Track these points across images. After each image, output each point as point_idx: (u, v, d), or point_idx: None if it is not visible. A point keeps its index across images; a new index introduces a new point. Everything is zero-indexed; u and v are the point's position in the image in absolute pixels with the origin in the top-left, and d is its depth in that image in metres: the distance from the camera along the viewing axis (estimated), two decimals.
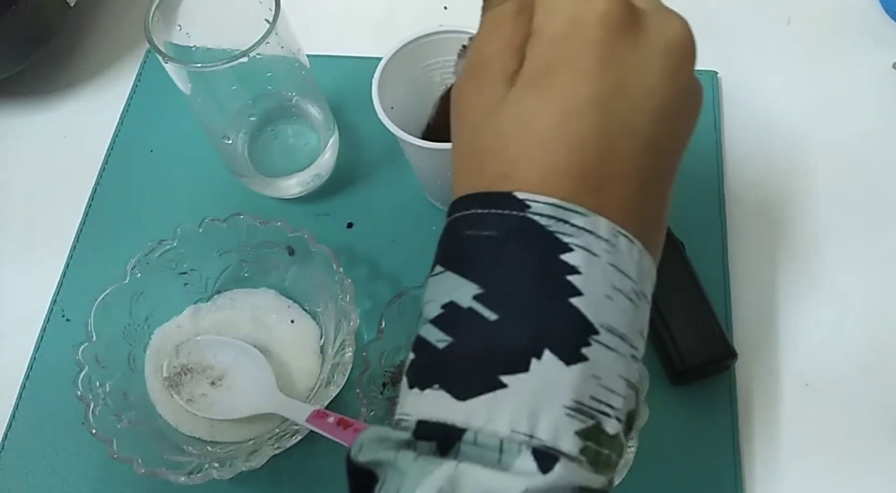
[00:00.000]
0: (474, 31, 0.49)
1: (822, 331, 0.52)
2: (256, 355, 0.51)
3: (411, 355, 0.30)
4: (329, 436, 0.43)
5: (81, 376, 0.47)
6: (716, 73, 0.62)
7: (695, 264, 0.52)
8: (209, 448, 0.48)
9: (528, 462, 0.26)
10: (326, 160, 0.58)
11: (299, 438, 0.46)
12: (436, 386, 0.28)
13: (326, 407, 0.46)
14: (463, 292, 0.29)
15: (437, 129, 0.52)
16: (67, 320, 0.57)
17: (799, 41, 0.64)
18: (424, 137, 0.49)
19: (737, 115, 0.61)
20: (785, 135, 0.60)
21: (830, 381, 0.51)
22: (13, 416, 0.54)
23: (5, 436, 0.53)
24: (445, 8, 0.68)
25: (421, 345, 0.29)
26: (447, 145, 0.47)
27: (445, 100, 0.50)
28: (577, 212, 0.28)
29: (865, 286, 0.54)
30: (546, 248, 0.28)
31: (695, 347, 0.49)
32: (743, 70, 0.63)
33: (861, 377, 0.51)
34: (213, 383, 0.51)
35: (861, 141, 0.59)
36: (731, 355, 0.49)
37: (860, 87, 0.61)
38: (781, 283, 0.54)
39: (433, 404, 0.28)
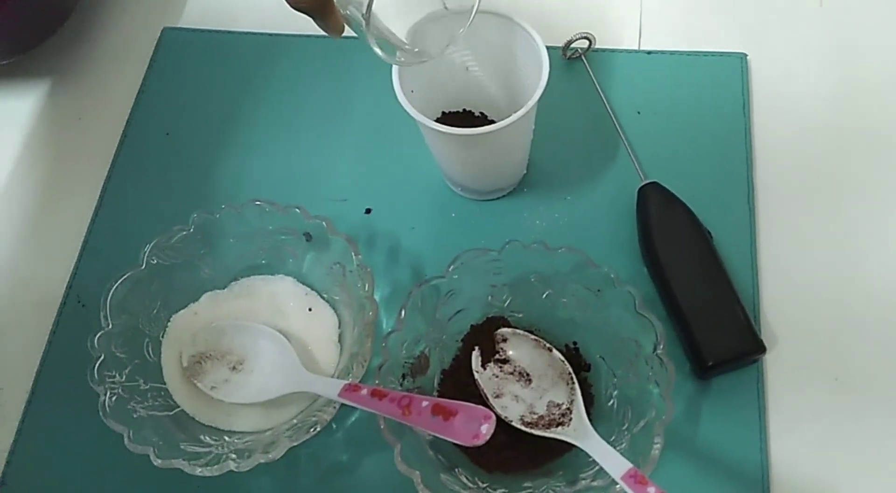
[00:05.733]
0: (496, 10, 0.48)
1: (854, 324, 0.51)
2: (276, 337, 0.50)
3: None
4: (364, 408, 0.43)
5: (96, 365, 0.46)
6: (745, 55, 0.60)
7: (723, 255, 0.51)
8: (227, 438, 0.48)
9: None
10: None
11: (318, 429, 0.45)
12: None
13: None
14: None
15: None
16: (83, 305, 0.56)
17: (831, 23, 0.62)
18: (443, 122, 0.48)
19: (766, 99, 0.59)
20: (816, 119, 0.58)
21: (860, 376, 0.49)
22: (29, 403, 0.53)
23: (21, 424, 0.53)
24: None
25: None
26: (466, 130, 0.46)
27: None
28: None
29: None
30: None
31: (722, 340, 0.48)
32: (773, 53, 0.61)
33: (893, 373, 0.49)
34: (234, 369, 0.50)
35: None
36: (760, 348, 0.48)
37: (893, 68, 0.59)
38: (812, 274, 0.53)
39: None
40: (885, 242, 0.53)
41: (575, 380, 0.47)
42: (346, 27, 0.44)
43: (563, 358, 0.48)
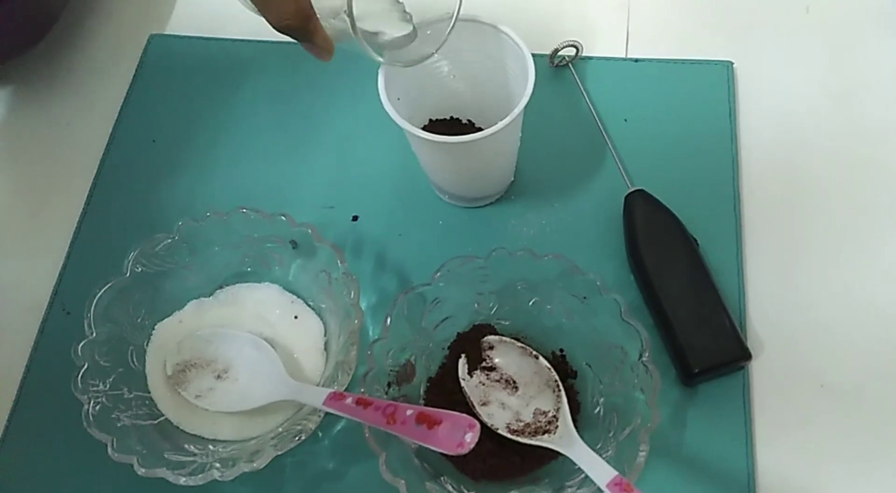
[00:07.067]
0: (483, 19, 0.48)
1: (840, 331, 0.51)
2: (261, 344, 0.50)
3: None
4: (348, 417, 0.42)
5: (80, 374, 0.46)
6: (731, 63, 0.60)
7: (709, 262, 0.51)
8: (211, 447, 0.48)
9: None
10: None
11: (303, 438, 0.45)
12: None
13: None
14: None
15: None
16: (68, 313, 0.56)
17: (817, 30, 0.62)
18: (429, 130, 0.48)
19: (753, 106, 0.59)
20: (803, 127, 0.58)
21: (847, 383, 0.49)
22: (13, 411, 0.53)
23: (4, 433, 0.52)
24: None
25: None
26: (453, 138, 0.46)
27: None
28: None
29: (885, 286, 0.52)
30: None
31: (708, 347, 0.48)
32: (760, 60, 0.61)
33: (878, 379, 0.49)
34: (218, 377, 0.50)
35: (882, 133, 0.57)
36: (746, 355, 0.48)
37: (880, 77, 0.60)
38: (798, 281, 0.53)
39: None
40: (871, 248, 0.53)
41: (561, 387, 0.47)
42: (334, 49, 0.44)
43: (549, 366, 0.48)
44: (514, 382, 0.48)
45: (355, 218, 0.57)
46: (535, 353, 0.49)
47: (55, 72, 0.67)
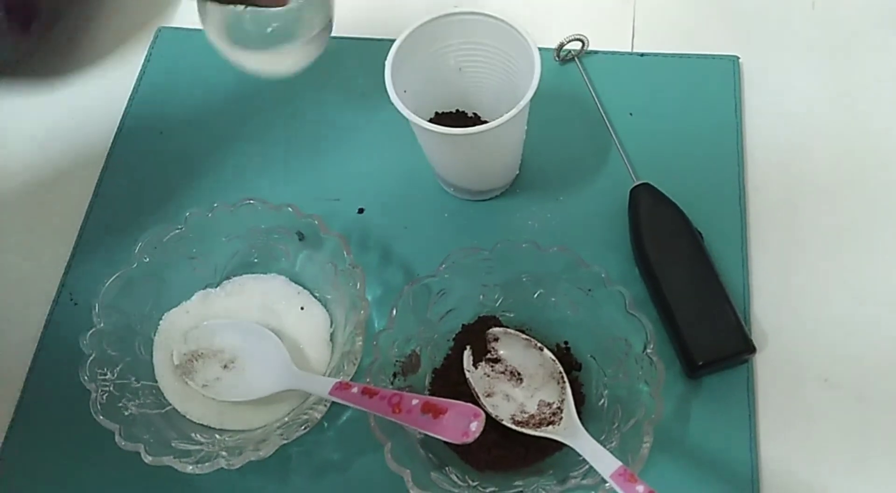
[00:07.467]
0: (490, 13, 0.48)
1: (844, 325, 0.51)
2: (267, 335, 0.50)
3: None
4: (354, 406, 0.43)
5: (88, 363, 0.46)
6: (737, 58, 0.60)
7: (714, 255, 0.51)
8: (217, 436, 0.48)
9: None
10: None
11: (308, 427, 0.45)
12: None
13: None
14: None
15: None
16: (76, 303, 0.56)
17: (823, 26, 0.62)
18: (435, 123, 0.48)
19: (758, 101, 0.59)
20: (808, 122, 0.58)
21: (850, 376, 0.50)
22: (20, 400, 0.53)
23: (13, 421, 0.53)
24: None
25: None
26: (459, 130, 0.46)
27: None
28: None
29: (889, 280, 0.52)
30: None
31: (712, 340, 0.48)
32: (765, 55, 0.61)
33: (882, 373, 0.50)
34: (225, 367, 0.50)
35: (888, 129, 0.57)
36: (750, 348, 0.48)
37: (886, 73, 0.60)
38: (802, 275, 0.53)
39: None
40: (875, 242, 0.53)
41: (566, 379, 0.47)
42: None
43: (554, 357, 0.48)
44: (519, 373, 0.49)
45: (361, 210, 0.57)
46: (539, 345, 0.49)
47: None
